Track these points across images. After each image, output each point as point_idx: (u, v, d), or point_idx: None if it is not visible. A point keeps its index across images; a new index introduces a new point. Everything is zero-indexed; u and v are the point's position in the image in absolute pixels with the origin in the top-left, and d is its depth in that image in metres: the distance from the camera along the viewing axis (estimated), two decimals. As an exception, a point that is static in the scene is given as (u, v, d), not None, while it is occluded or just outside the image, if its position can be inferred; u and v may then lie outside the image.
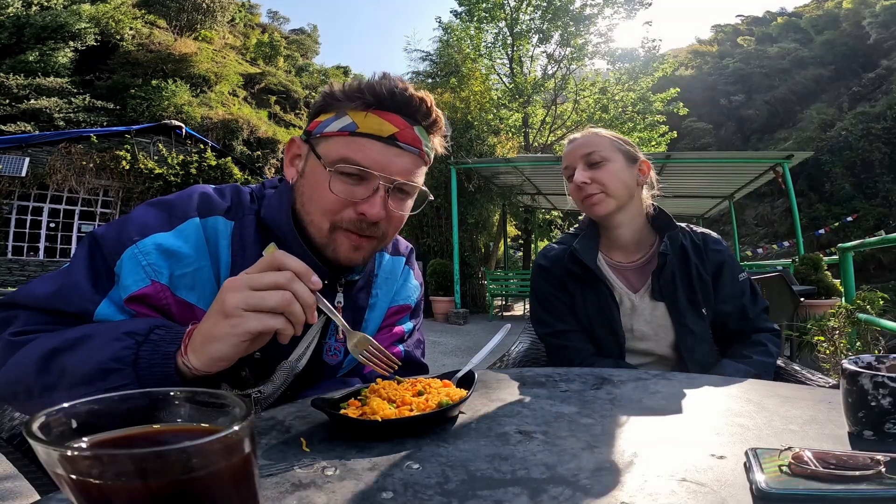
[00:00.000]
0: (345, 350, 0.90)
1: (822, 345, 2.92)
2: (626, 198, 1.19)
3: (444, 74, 13.72)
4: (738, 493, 0.43)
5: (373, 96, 0.77)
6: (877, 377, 0.55)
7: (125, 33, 25.63)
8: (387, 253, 0.99)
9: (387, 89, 0.77)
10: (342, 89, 0.79)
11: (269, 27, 44.48)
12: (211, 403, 0.32)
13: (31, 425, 0.27)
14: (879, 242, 3.48)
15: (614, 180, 1.17)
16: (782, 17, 45.93)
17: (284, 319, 0.60)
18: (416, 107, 0.79)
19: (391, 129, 0.77)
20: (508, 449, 0.54)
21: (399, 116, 0.78)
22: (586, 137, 1.22)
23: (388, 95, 0.77)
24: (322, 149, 0.79)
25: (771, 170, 8.22)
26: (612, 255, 1.26)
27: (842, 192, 26.07)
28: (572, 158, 1.21)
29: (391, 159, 0.77)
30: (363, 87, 0.78)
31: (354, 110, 0.78)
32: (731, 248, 1.43)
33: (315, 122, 0.81)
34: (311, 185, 0.79)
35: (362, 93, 0.77)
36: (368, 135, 0.77)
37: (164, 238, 0.74)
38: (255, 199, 0.86)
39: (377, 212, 0.77)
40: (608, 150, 1.18)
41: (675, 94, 14.71)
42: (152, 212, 0.78)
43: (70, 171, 12.80)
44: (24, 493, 2.04)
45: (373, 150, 0.76)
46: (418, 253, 10.20)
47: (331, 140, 0.78)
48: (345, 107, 0.78)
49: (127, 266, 0.72)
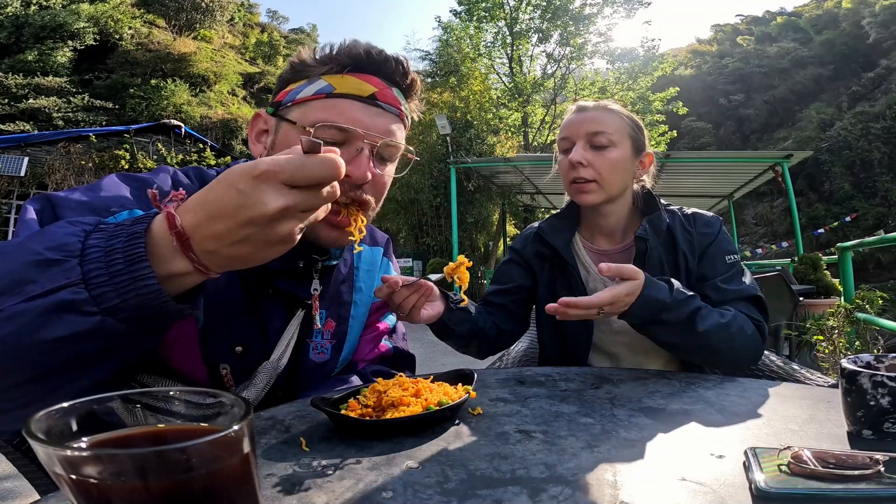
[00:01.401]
0: (332, 348, 0.88)
1: (821, 344, 2.93)
2: (618, 191, 1.08)
3: (443, 74, 13.74)
4: (738, 493, 0.43)
5: (349, 58, 0.74)
6: (876, 377, 0.56)
7: (124, 33, 25.61)
8: (365, 244, 0.95)
9: (363, 50, 0.75)
10: (312, 56, 0.76)
11: (269, 27, 44.42)
12: (211, 403, 0.32)
13: (30, 425, 0.27)
14: (878, 242, 3.48)
15: (613, 171, 1.05)
16: (782, 16, 45.95)
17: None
18: (394, 68, 0.76)
19: (370, 88, 0.74)
20: (508, 448, 0.54)
21: (377, 77, 0.75)
22: (597, 112, 1.07)
23: (364, 56, 0.74)
24: (296, 115, 0.74)
25: (770, 169, 8.22)
26: (595, 241, 1.16)
27: (841, 191, 26.08)
28: (575, 131, 1.07)
29: (373, 119, 0.74)
30: (337, 51, 0.75)
31: (329, 73, 0.74)
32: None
33: (284, 92, 0.76)
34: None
35: (337, 55, 0.74)
36: (347, 95, 0.73)
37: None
38: None
39: (363, 173, 0.72)
40: (617, 134, 1.05)
41: (675, 93, 14.73)
42: (125, 186, 0.71)
43: (69, 170, 12.78)
44: (24, 493, 2.04)
45: (353, 110, 0.73)
46: (418, 252, 10.20)
47: (305, 105, 0.74)
48: (318, 71, 0.75)
49: None
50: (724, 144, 34.75)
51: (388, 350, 0.98)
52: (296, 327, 0.83)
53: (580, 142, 1.06)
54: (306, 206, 0.47)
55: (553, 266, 1.15)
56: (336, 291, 0.88)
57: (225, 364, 0.77)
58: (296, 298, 0.82)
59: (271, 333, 0.80)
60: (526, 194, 11.83)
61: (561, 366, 1.10)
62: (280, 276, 0.79)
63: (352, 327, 0.91)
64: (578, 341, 1.12)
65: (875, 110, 27.13)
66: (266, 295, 0.79)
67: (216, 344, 0.76)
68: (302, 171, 0.46)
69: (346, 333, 0.90)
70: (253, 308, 0.78)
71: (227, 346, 0.76)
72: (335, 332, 0.88)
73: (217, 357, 0.76)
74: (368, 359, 0.96)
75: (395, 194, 10.46)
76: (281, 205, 0.45)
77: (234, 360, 0.77)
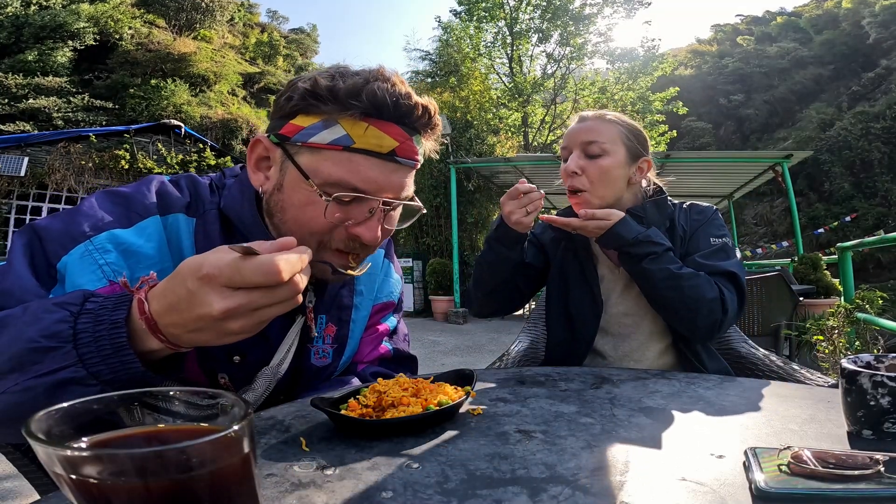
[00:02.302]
0: (334, 352, 0.88)
1: (821, 344, 2.93)
2: (611, 198, 1.12)
3: (443, 74, 13.73)
4: (738, 493, 0.43)
5: (372, 105, 0.66)
6: (876, 376, 0.55)
7: (124, 33, 25.60)
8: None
9: (389, 96, 0.67)
10: (330, 88, 0.66)
11: (269, 27, 44.41)
12: (211, 403, 0.32)
13: (30, 425, 0.27)
14: (878, 242, 3.48)
15: (603, 178, 1.10)
16: (782, 16, 45.93)
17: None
18: (419, 116, 0.70)
19: (391, 143, 0.68)
20: (508, 448, 0.54)
21: (399, 127, 0.69)
22: (593, 122, 1.14)
23: (391, 105, 0.67)
24: (307, 161, 0.68)
25: (770, 169, 8.23)
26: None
27: (841, 191, 26.06)
28: (572, 140, 1.14)
29: (388, 177, 0.69)
30: (362, 93, 0.66)
31: (348, 119, 0.67)
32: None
33: (293, 127, 0.69)
34: (296, 205, 0.70)
35: (359, 99, 0.66)
36: (366, 151, 0.67)
37: (123, 235, 0.67)
38: (215, 191, 0.78)
39: (373, 235, 0.70)
40: (611, 143, 1.11)
41: (675, 93, 14.73)
42: (107, 205, 0.69)
43: (69, 170, 12.78)
44: (24, 493, 2.04)
45: (371, 169, 0.68)
46: (418, 252, 10.20)
47: (319, 154, 0.68)
48: (335, 113, 0.67)
49: (78, 264, 0.63)
50: (724, 144, 34.75)
51: (388, 352, 0.98)
52: (296, 334, 0.82)
53: (576, 150, 1.13)
54: (257, 304, 0.48)
55: (566, 251, 1.24)
56: (336, 296, 0.88)
57: (223, 373, 0.77)
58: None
59: (272, 338, 0.80)
60: (526, 194, 11.81)
61: (566, 348, 1.21)
62: None
63: (353, 331, 0.91)
64: (586, 322, 1.18)
65: (875, 110, 27.11)
66: None
67: (214, 354, 0.76)
68: (238, 275, 0.47)
69: (347, 337, 0.90)
70: None
71: (224, 356, 0.76)
72: (336, 336, 0.88)
73: (214, 366, 0.77)
74: (368, 360, 0.96)
75: (395, 194, 10.43)
76: (224, 307, 0.47)
77: (233, 368, 0.78)
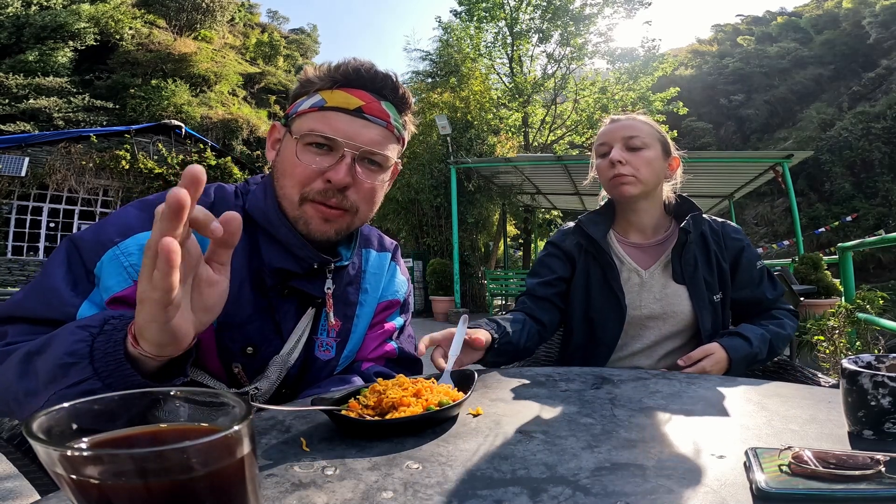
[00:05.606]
0: (337, 346, 0.91)
1: (822, 344, 2.92)
2: (653, 186, 1.22)
3: (443, 74, 13.72)
4: (738, 493, 0.43)
5: (340, 75, 0.83)
6: (876, 377, 0.55)
7: (125, 33, 25.64)
8: (373, 250, 1.01)
9: (352, 67, 0.83)
10: (315, 73, 0.85)
11: (269, 27, 44.45)
12: (211, 403, 0.32)
13: (30, 425, 0.27)
14: (879, 242, 3.48)
15: (648, 168, 1.19)
16: (782, 16, 45.92)
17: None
18: (382, 82, 0.84)
19: (357, 102, 0.82)
20: (508, 448, 0.54)
21: (365, 91, 0.83)
22: (630, 121, 1.24)
23: (353, 73, 0.83)
24: (295, 126, 0.83)
25: (771, 169, 8.22)
26: (629, 236, 1.29)
27: (841, 191, 26.05)
28: (611, 137, 1.22)
29: (358, 130, 0.81)
30: (332, 68, 0.84)
31: (324, 89, 0.83)
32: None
33: (291, 106, 0.87)
34: (284, 159, 0.84)
35: (332, 73, 0.83)
36: (336, 108, 0.81)
37: (146, 238, 0.71)
38: (239, 196, 0.88)
39: (341, 177, 0.80)
40: (649, 138, 1.21)
41: (675, 93, 14.70)
42: (133, 213, 0.78)
43: (70, 170, 12.80)
44: (24, 493, 2.04)
45: (339, 121, 0.81)
46: (418, 252, 10.21)
47: (302, 117, 0.83)
48: (315, 87, 0.84)
49: (108, 268, 0.72)
50: (724, 144, 34.73)
51: (394, 351, 1.00)
52: (307, 324, 0.87)
53: (617, 145, 1.21)
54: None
55: (589, 256, 1.27)
56: (343, 292, 0.92)
57: (237, 363, 0.81)
58: (309, 297, 0.87)
59: (285, 332, 0.85)
60: (526, 194, 11.83)
61: (586, 352, 1.25)
62: (295, 278, 0.84)
63: (356, 326, 0.94)
64: (608, 326, 1.22)
65: (875, 110, 27.10)
66: (281, 296, 0.84)
67: (228, 345, 0.80)
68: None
69: (351, 332, 0.94)
70: (268, 309, 0.83)
71: (238, 347, 0.81)
72: (340, 330, 0.92)
73: (229, 357, 0.81)
74: (373, 357, 0.98)
75: (395, 195, 10.45)
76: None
77: (246, 359, 0.82)
